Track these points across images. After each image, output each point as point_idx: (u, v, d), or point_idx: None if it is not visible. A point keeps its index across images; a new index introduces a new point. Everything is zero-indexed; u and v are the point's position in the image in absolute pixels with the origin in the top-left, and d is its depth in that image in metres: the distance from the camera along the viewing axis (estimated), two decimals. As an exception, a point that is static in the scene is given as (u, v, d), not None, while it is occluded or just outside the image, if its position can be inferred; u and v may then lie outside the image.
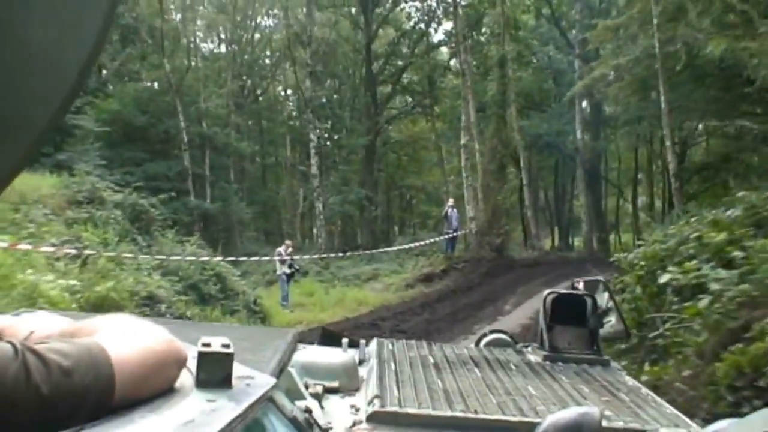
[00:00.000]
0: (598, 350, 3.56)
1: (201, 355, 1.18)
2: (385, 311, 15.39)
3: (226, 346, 1.20)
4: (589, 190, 31.86)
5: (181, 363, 1.15)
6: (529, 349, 3.72)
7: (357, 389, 2.72)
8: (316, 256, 22.62)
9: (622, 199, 40.23)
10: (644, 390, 2.91)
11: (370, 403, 2.33)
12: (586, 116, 31.82)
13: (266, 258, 19.26)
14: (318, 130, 30.15)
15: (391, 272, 21.97)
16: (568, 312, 3.76)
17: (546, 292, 3.89)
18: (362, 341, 3.48)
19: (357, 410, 2.37)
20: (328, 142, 33.92)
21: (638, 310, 7.99)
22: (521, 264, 23.69)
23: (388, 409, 2.27)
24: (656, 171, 39.81)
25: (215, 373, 1.18)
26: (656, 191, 39.56)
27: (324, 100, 33.39)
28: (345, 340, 3.32)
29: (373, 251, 23.78)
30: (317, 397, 2.30)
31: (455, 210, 23.34)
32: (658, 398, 2.76)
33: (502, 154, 26.66)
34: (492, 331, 4.36)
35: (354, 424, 2.20)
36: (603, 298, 3.99)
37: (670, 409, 2.60)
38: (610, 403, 2.58)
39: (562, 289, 4.37)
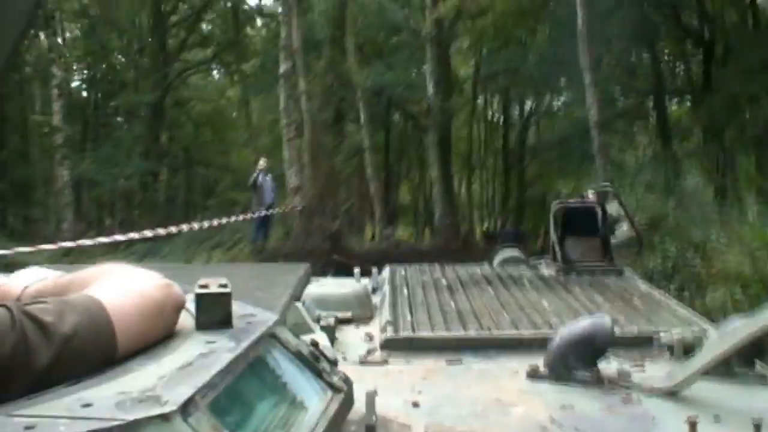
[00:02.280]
0: (611, 259, 3.55)
1: (199, 297, 1.16)
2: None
3: (224, 285, 1.19)
4: (441, 163, 23.42)
5: (179, 307, 1.14)
6: (543, 263, 3.71)
7: (371, 318, 2.72)
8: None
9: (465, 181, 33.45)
10: (657, 294, 2.90)
11: (384, 330, 2.34)
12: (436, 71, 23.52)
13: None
14: (63, 72, 22.39)
15: (167, 277, 14.55)
16: (579, 223, 3.74)
17: (554, 203, 3.87)
18: (374, 269, 3.49)
19: (371, 338, 2.38)
20: (97, 102, 25.90)
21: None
22: (368, 259, 15.54)
23: (402, 334, 2.27)
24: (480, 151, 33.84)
25: (214, 314, 1.17)
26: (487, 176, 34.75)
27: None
28: (357, 270, 3.32)
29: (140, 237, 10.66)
30: (330, 328, 2.30)
31: (269, 177, 15.27)
32: (672, 301, 2.76)
33: (339, 98, 20.58)
34: (504, 247, 4.35)
35: (368, 352, 2.20)
36: (613, 207, 3.97)
37: (684, 310, 2.59)
38: (623, 310, 2.57)
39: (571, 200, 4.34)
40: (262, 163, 15.23)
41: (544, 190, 32.50)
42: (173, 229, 12.53)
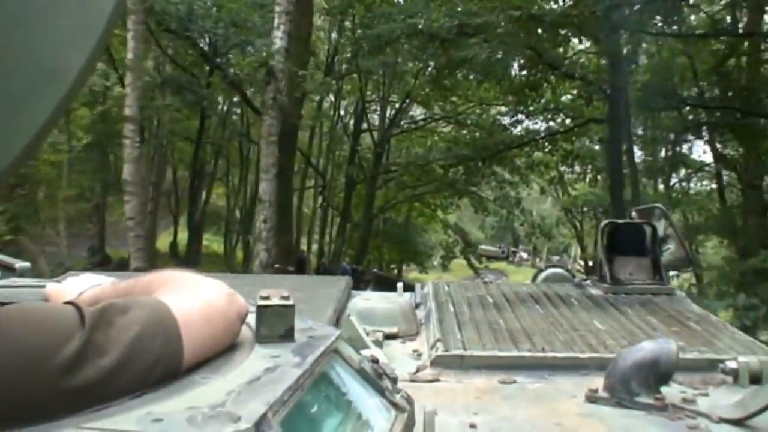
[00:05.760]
0: (662, 279, 3.45)
1: (261, 309, 1.12)
2: None
3: (286, 298, 1.15)
4: (280, 168, 12.98)
5: (243, 317, 1.09)
6: (589, 282, 3.63)
7: (416, 333, 2.66)
8: None
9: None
10: (714, 318, 2.80)
11: (433, 347, 2.28)
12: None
13: None
14: None
15: None
16: (627, 242, 3.65)
17: (603, 222, 3.79)
18: (417, 284, 3.43)
19: (419, 355, 2.32)
20: None
21: None
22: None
23: (453, 352, 2.21)
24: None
25: (276, 327, 1.12)
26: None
27: None
28: (400, 285, 3.27)
29: None
30: (378, 344, 2.25)
31: None
32: (730, 326, 2.66)
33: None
34: (548, 266, 4.28)
35: (418, 370, 2.14)
36: (661, 226, 3.87)
37: (745, 336, 2.49)
38: (681, 334, 2.49)
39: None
40: None
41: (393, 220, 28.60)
42: None
